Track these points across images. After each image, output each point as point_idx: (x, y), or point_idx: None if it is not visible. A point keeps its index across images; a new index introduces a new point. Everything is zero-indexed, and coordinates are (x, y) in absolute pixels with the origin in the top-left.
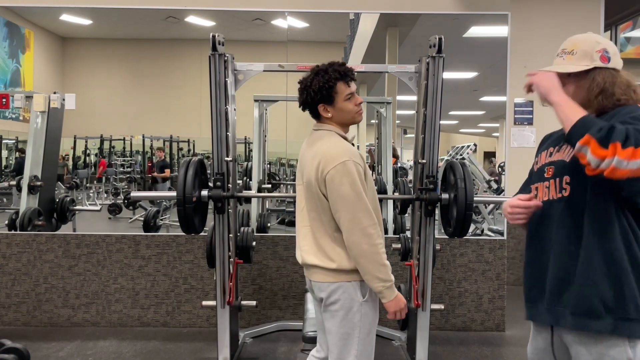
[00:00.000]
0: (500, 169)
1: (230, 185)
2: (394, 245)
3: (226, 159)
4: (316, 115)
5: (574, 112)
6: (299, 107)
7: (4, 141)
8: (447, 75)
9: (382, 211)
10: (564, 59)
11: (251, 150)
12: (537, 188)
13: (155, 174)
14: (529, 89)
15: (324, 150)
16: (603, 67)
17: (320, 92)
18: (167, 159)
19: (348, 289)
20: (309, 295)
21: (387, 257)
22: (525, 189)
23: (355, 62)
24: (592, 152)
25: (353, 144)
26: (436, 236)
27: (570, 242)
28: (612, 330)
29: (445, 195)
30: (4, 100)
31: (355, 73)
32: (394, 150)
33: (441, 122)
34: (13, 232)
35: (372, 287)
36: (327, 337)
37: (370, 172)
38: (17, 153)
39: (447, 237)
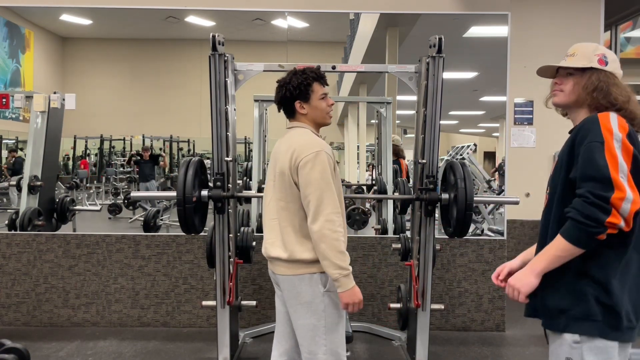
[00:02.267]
0: (499, 169)
1: (230, 185)
2: (394, 245)
3: (226, 159)
4: (291, 113)
5: (549, 253)
6: (276, 103)
7: (4, 141)
8: (447, 75)
9: (382, 211)
10: (566, 60)
11: (251, 150)
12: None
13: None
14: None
15: (299, 142)
16: (600, 69)
17: (298, 88)
18: (167, 159)
19: (309, 281)
20: None
21: (387, 257)
22: None
23: (355, 62)
24: (613, 224)
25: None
26: (436, 236)
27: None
28: (563, 329)
29: (445, 195)
30: (4, 100)
31: (327, 79)
32: (401, 150)
33: (441, 122)
34: (13, 232)
35: (329, 274)
36: (295, 332)
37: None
38: (8, 153)
39: (447, 237)
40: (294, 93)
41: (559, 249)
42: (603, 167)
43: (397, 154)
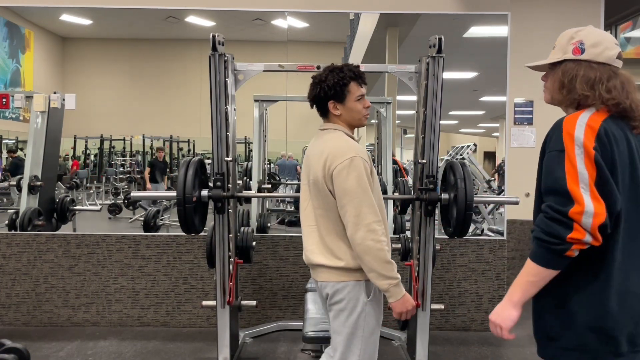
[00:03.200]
0: (499, 169)
1: (230, 185)
2: (394, 245)
3: (226, 159)
4: (324, 113)
5: (522, 280)
6: (309, 100)
7: (4, 141)
8: (447, 75)
9: None
10: (550, 54)
11: (251, 150)
12: None
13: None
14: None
15: (331, 147)
16: (572, 60)
17: (334, 88)
18: (167, 159)
19: (354, 288)
20: (309, 295)
21: None
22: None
23: (355, 62)
24: (578, 239)
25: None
26: (436, 236)
27: None
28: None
29: (445, 195)
30: (4, 100)
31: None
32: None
33: (441, 122)
34: (13, 232)
35: (378, 286)
36: (332, 336)
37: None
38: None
39: (447, 237)
40: (328, 93)
41: (530, 273)
42: (561, 179)
43: None
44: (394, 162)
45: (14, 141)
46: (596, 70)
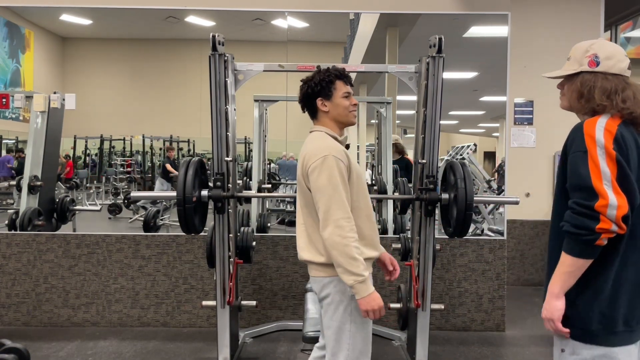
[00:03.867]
0: (499, 169)
1: (230, 185)
2: (394, 245)
3: (226, 159)
4: (314, 113)
5: (560, 272)
6: (299, 102)
7: (4, 141)
8: (447, 75)
9: (382, 211)
10: (565, 65)
11: (251, 150)
12: None
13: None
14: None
15: (310, 147)
16: (589, 71)
17: (320, 84)
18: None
19: (340, 283)
20: (309, 295)
21: None
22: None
23: (355, 62)
24: (606, 227)
25: (348, 145)
26: (436, 236)
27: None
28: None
29: (445, 195)
30: (4, 100)
31: (352, 80)
32: (400, 145)
33: (441, 122)
34: (13, 232)
35: (344, 281)
36: (324, 331)
37: (361, 171)
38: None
39: (447, 237)
40: (315, 89)
41: (566, 264)
42: (586, 177)
43: (402, 151)
44: (406, 160)
45: (14, 141)
46: (611, 82)
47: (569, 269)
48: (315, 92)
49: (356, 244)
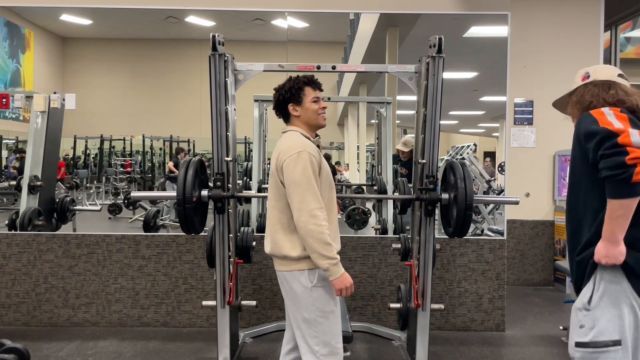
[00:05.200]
0: (500, 169)
1: (230, 185)
2: (394, 245)
3: (226, 159)
4: (286, 116)
5: (611, 219)
6: (273, 109)
7: (4, 141)
8: (447, 75)
9: (382, 211)
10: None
11: (251, 150)
12: None
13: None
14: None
15: (284, 144)
16: (582, 85)
17: (290, 91)
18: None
19: (298, 277)
20: None
21: (387, 257)
22: None
23: (355, 62)
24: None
25: (319, 146)
26: (436, 236)
27: None
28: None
29: (445, 195)
30: (4, 100)
31: (321, 85)
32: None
33: (441, 122)
34: (13, 232)
35: (319, 265)
36: (292, 324)
37: (329, 167)
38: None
39: (447, 237)
40: (286, 96)
41: (615, 209)
42: (600, 129)
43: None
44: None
45: (14, 141)
46: (598, 85)
47: (620, 212)
48: (286, 99)
49: (328, 231)
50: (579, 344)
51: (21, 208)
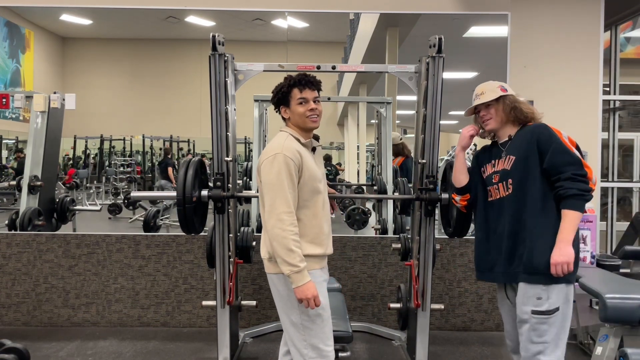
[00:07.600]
0: None
1: (230, 185)
2: (394, 245)
3: (226, 159)
4: (283, 118)
5: (571, 226)
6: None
7: (4, 141)
8: (447, 75)
9: (382, 211)
10: (480, 99)
11: (251, 150)
12: (490, 190)
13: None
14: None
15: (267, 147)
16: (507, 94)
17: (277, 95)
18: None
19: (283, 279)
20: None
21: (387, 257)
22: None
23: (355, 62)
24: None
25: (314, 148)
26: (436, 236)
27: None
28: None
29: (445, 195)
30: (4, 100)
31: (319, 83)
32: (402, 147)
33: (441, 122)
34: (13, 232)
35: (282, 271)
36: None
37: (319, 169)
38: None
39: (447, 237)
40: (274, 100)
41: (574, 218)
42: (575, 156)
43: (398, 153)
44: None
45: (14, 141)
46: (521, 100)
47: (577, 221)
48: (278, 102)
49: (295, 237)
50: (535, 312)
51: (21, 208)
